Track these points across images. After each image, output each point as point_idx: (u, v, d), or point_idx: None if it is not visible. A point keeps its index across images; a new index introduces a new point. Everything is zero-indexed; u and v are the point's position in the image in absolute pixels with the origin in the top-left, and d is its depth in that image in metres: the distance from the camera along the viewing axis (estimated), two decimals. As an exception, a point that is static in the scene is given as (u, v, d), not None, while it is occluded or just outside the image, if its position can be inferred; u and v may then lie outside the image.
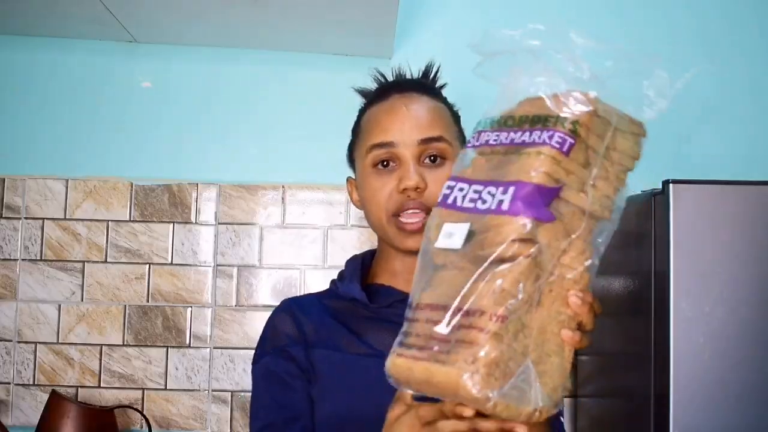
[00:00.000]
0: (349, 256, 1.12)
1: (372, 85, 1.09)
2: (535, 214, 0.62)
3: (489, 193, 0.65)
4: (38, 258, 1.68)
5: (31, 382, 1.66)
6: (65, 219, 1.69)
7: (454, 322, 0.62)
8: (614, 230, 0.68)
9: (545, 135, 0.65)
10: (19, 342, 1.67)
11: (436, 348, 0.62)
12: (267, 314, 1.67)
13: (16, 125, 1.72)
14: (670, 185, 1.17)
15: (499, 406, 0.60)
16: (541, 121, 0.66)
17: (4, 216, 1.69)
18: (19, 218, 1.69)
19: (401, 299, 0.94)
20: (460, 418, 0.63)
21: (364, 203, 1.01)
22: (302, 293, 1.68)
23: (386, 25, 1.53)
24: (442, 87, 1.08)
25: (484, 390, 0.59)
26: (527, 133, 0.67)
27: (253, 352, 1.04)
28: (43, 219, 1.69)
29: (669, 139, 1.75)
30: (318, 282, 1.69)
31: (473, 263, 0.62)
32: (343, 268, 1.09)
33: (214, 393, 1.67)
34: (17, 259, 1.68)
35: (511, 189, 0.63)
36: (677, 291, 1.15)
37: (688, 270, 1.16)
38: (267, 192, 1.71)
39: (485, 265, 0.61)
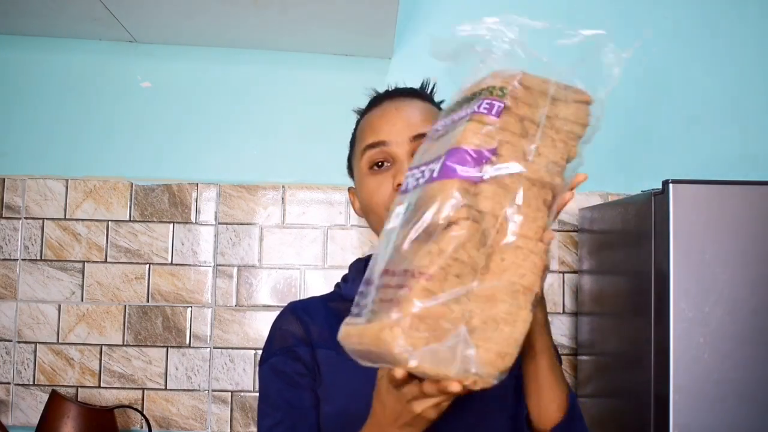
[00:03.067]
0: (348, 256, 1.12)
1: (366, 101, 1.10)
2: (462, 175, 0.63)
3: (428, 169, 0.67)
4: (38, 258, 1.68)
5: (31, 382, 1.66)
6: (65, 219, 1.69)
7: (387, 282, 0.62)
8: (569, 199, 0.70)
9: (474, 105, 0.68)
10: (19, 342, 1.67)
11: (369, 309, 0.62)
12: (267, 314, 1.69)
13: (16, 125, 1.72)
14: (670, 185, 1.17)
15: (425, 367, 0.59)
16: (474, 96, 0.69)
17: (4, 216, 1.69)
18: (19, 218, 1.69)
19: None
20: (445, 393, 0.63)
21: (363, 207, 1.01)
22: (302, 293, 1.69)
23: (386, 25, 1.53)
24: (440, 103, 1.08)
25: (405, 346, 0.58)
26: (462, 110, 0.69)
27: (253, 353, 1.04)
28: (43, 219, 1.69)
29: (669, 139, 1.75)
30: (318, 282, 1.69)
31: (410, 231, 0.63)
32: (347, 271, 1.09)
33: (214, 393, 1.67)
34: (17, 259, 1.68)
35: (442, 158, 0.65)
36: (677, 291, 1.15)
37: (688, 270, 1.16)
38: (267, 192, 1.71)
39: (418, 228, 0.62)
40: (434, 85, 1.09)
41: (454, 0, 1.76)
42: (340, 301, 1.03)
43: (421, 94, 1.05)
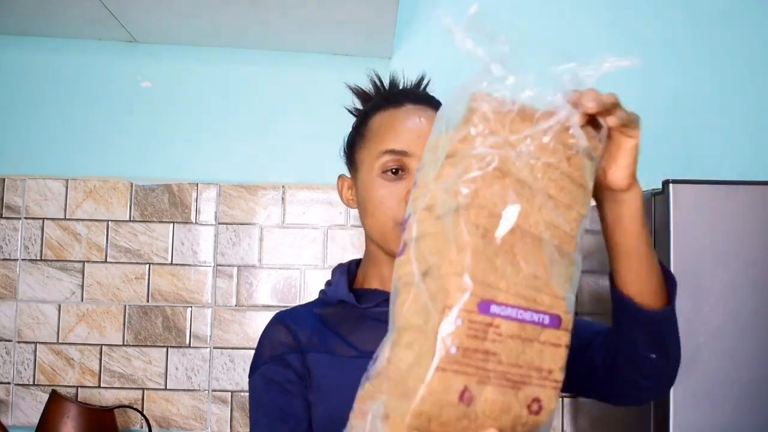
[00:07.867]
0: (348, 256, 1.12)
1: (367, 85, 1.08)
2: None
3: None
4: (38, 258, 1.68)
5: (31, 382, 1.66)
6: (65, 219, 1.69)
7: None
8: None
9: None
10: (19, 342, 1.67)
11: None
12: (267, 314, 1.69)
13: (16, 125, 1.72)
14: (670, 185, 1.17)
15: None
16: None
17: (4, 216, 1.69)
18: (19, 218, 1.69)
19: (389, 298, 0.94)
20: None
21: (366, 206, 1.00)
22: (302, 293, 1.69)
23: (386, 25, 1.53)
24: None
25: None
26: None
27: (253, 353, 1.05)
28: (43, 219, 1.69)
29: (669, 139, 1.75)
30: (318, 282, 1.68)
31: None
32: (330, 276, 1.09)
33: (214, 393, 1.67)
34: (17, 259, 1.68)
35: None
36: (677, 291, 1.15)
37: (688, 270, 1.16)
38: (267, 192, 1.71)
39: None
40: (428, 83, 1.08)
41: (453, 0, 1.76)
42: (325, 306, 1.03)
43: (436, 104, 1.04)
